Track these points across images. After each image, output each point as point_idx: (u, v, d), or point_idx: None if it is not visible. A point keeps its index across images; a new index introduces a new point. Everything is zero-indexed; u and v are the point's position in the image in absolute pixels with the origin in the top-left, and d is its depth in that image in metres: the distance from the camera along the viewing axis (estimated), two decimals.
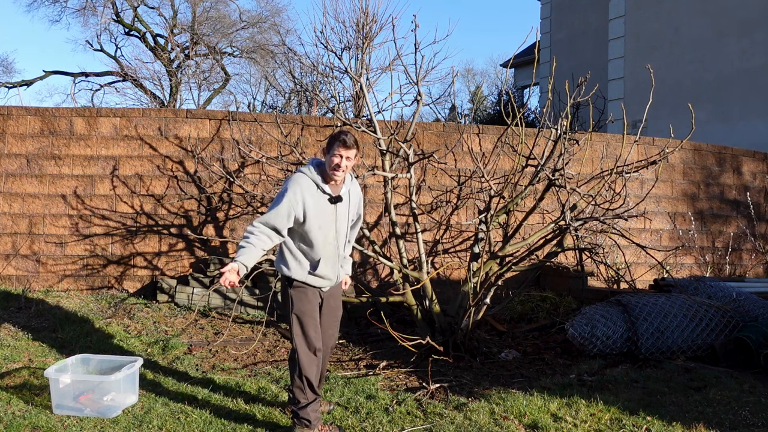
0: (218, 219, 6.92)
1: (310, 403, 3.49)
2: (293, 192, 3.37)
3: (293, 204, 3.36)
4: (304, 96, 17.89)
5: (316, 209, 3.42)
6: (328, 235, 3.48)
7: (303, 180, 3.43)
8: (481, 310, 5.11)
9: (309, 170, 3.46)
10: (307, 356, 3.47)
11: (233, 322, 5.95)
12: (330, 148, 3.42)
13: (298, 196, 3.37)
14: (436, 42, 7.13)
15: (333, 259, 3.53)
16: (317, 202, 3.42)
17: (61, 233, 6.71)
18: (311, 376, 3.47)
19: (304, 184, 3.41)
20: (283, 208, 3.36)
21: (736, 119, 11.92)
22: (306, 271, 3.48)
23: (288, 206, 3.36)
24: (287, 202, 3.36)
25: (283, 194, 3.38)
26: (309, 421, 3.47)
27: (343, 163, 3.40)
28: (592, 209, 5.35)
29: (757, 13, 11.72)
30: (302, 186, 3.40)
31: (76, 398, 3.82)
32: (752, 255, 8.78)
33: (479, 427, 3.65)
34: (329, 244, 3.50)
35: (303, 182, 3.42)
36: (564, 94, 5.29)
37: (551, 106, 5.62)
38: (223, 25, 19.09)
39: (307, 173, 3.45)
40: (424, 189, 7.26)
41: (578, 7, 16.59)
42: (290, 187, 3.39)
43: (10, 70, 22.42)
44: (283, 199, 3.37)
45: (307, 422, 3.47)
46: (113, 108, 8.11)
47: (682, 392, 4.26)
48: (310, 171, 3.46)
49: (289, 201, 3.36)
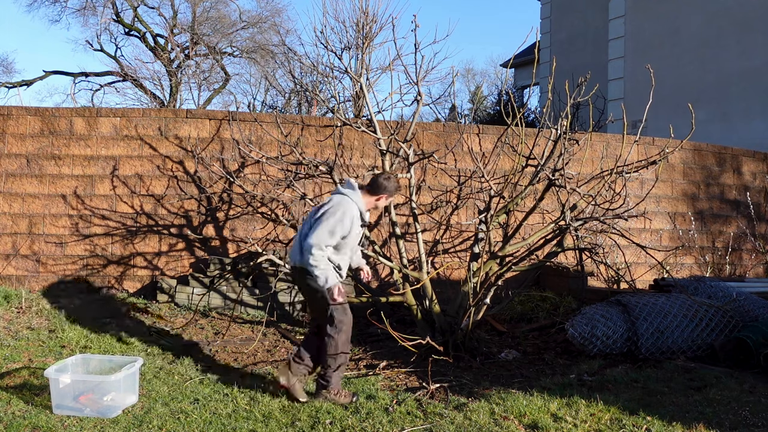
0: (218, 219, 6.92)
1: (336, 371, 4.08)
2: (348, 218, 3.93)
3: (346, 227, 3.93)
4: (304, 96, 17.89)
5: (355, 231, 4.02)
6: (352, 246, 4.12)
7: (354, 210, 3.98)
8: (481, 310, 5.11)
9: (357, 198, 4.02)
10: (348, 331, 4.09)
11: (233, 322, 5.95)
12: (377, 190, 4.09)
13: (347, 224, 3.93)
14: (436, 42, 7.12)
15: (346, 263, 4.14)
16: (356, 225, 4.01)
17: (61, 233, 6.71)
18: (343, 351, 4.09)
19: (354, 214, 3.98)
20: (337, 232, 3.91)
21: (736, 119, 11.92)
22: (336, 275, 4.04)
23: (342, 231, 3.92)
24: (341, 227, 3.90)
25: (340, 220, 3.89)
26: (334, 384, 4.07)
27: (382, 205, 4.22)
28: (592, 209, 5.35)
29: (757, 13, 11.72)
30: (353, 215, 3.97)
31: (76, 398, 3.82)
32: (752, 255, 8.78)
33: (479, 427, 3.65)
34: (348, 253, 4.12)
35: (354, 212, 3.98)
36: (564, 94, 5.30)
37: (551, 106, 5.62)
38: (223, 25, 19.08)
39: (357, 203, 4.01)
40: (424, 189, 7.26)
41: (578, 7, 16.59)
42: (347, 216, 3.92)
43: (10, 70, 22.42)
44: (338, 225, 3.89)
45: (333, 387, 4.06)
46: (113, 108, 8.11)
47: (682, 392, 4.26)
48: (358, 200, 4.02)
49: (342, 226, 3.91)
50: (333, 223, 3.87)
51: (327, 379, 4.05)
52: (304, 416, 3.79)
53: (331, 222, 3.87)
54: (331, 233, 3.86)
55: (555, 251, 5.38)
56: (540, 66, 15.73)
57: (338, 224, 3.88)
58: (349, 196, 3.99)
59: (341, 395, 4.04)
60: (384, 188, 4.08)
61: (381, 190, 4.08)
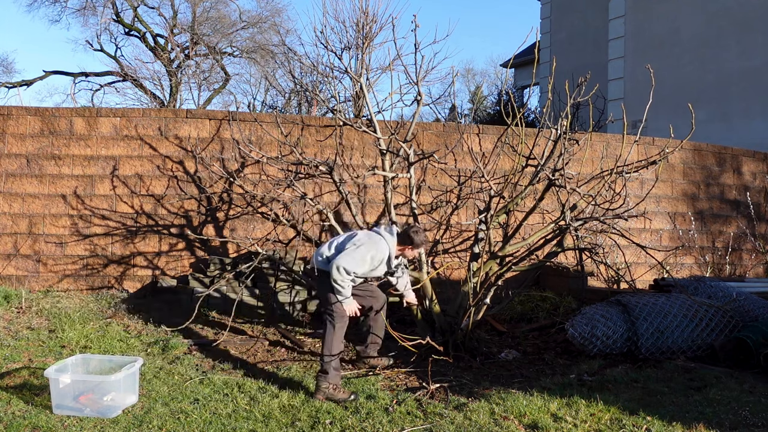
0: (218, 219, 6.92)
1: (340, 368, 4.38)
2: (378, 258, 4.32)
3: (374, 264, 4.33)
4: (304, 96, 17.89)
5: (378, 270, 4.41)
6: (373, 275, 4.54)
7: (385, 251, 4.35)
8: (481, 310, 5.11)
9: (392, 241, 4.37)
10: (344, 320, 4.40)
11: (233, 322, 5.94)
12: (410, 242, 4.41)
13: (376, 261, 4.33)
14: (436, 42, 7.11)
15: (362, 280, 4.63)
16: (382, 266, 4.40)
17: (61, 233, 6.71)
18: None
19: (384, 254, 4.34)
20: (366, 265, 4.29)
21: (736, 119, 11.92)
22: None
23: (370, 265, 4.31)
24: (370, 261, 4.29)
25: (368, 253, 4.26)
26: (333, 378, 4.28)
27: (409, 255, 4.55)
28: (592, 209, 5.35)
29: (757, 13, 11.72)
30: (383, 255, 4.34)
31: (76, 398, 3.82)
32: (752, 255, 8.78)
33: (479, 427, 3.65)
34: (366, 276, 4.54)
35: (384, 252, 4.34)
36: (564, 94, 5.29)
37: (551, 106, 5.62)
38: (223, 25, 19.08)
39: (390, 245, 4.36)
40: (424, 189, 7.26)
41: (578, 7, 16.59)
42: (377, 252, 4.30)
43: (10, 70, 22.42)
44: (368, 260, 4.27)
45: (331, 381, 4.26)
46: (113, 108, 8.11)
47: (682, 392, 4.26)
48: (392, 244, 4.37)
49: (372, 261, 4.30)
50: (364, 257, 4.25)
51: (325, 370, 4.19)
52: (304, 416, 3.79)
53: (364, 256, 4.25)
54: (361, 264, 4.24)
55: (555, 251, 5.37)
56: (540, 66, 15.74)
57: (369, 260, 4.27)
58: (386, 240, 4.36)
59: (339, 390, 4.14)
60: (411, 240, 4.41)
61: (408, 241, 4.42)
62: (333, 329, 4.29)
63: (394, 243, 4.39)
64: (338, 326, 4.30)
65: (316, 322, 6.03)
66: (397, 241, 4.42)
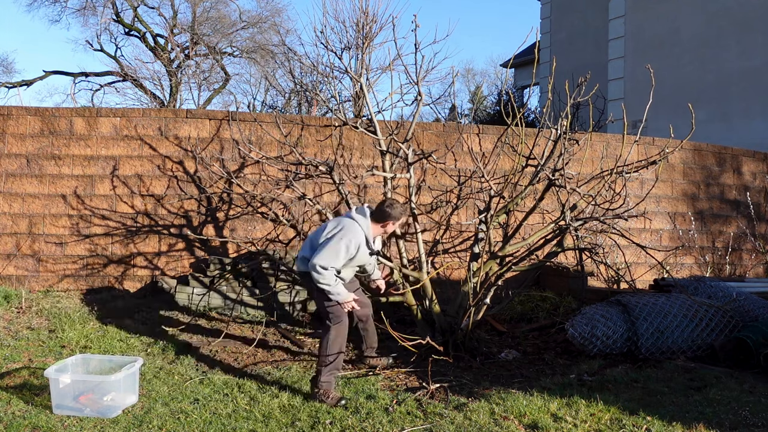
0: (218, 219, 6.92)
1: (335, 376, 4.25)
2: (352, 244, 4.09)
3: (351, 252, 4.10)
4: (304, 96, 17.89)
5: (360, 256, 4.18)
6: (357, 269, 4.43)
7: (360, 236, 4.13)
8: (481, 310, 5.11)
9: (365, 224, 4.16)
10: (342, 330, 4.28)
11: (233, 322, 5.95)
12: (385, 217, 4.20)
13: (353, 249, 4.10)
14: (436, 42, 7.11)
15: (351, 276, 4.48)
16: (362, 251, 4.17)
17: (61, 233, 6.71)
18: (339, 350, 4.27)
19: (360, 240, 4.12)
20: (342, 256, 4.07)
21: (736, 119, 11.92)
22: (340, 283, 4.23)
23: (346, 254, 4.09)
24: (345, 251, 4.07)
25: (345, 246, 4.06)
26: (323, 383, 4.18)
27: (390, 230, 4.31)
28: (592, 209, 5.35)
29: (757, 13, 11.72)
30: (359, 241, 4.12)
31: (76, 398, 3.82)
32: (752, 255, 8.78)
33: (479, 427, 3.65)
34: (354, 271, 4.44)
35: (359, 238, 4.13)
36: (564, 94, 5.29)
37: (551, 106, 5.62)
38: (223, 25, 19.08)
39: (364, 229, 4.15)
40: (423, 189, 7.26)
41: (578, 7, 16.59)
42: (352, 242, 4.08)
43: (10, 70, 22.43)
44: (342, 250, 4.06)
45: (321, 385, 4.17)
46: (113, 108, 8.11)
47: (682, 392, 4.26)
48: (366, 226, 4.16)
49: (347, 251, 4.08)
50: (338, 248, 4.06)
51: (318, 375, 4.14)
52: (304, 416, 3.79)
53: (336, 246, 4.05)
54: (336, 257, 4.05)
55: (555, 251, 5.37)
56: (540, 66, 15.74)
57: (343, 250, 4.06)
58: (359, 222, 4.15)
59: (328, 396, 4.05)
60: (388, 215, 4.20)
61: (386, 217, 4.21)
62: (328, 332, 4.19)
63: (368, 224, 4.19)
64: (334, 328, 4.18)
65: (316, 322, 6.03)
66: (373, 219, 4.23)
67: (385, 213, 4.19)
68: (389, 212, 4.19)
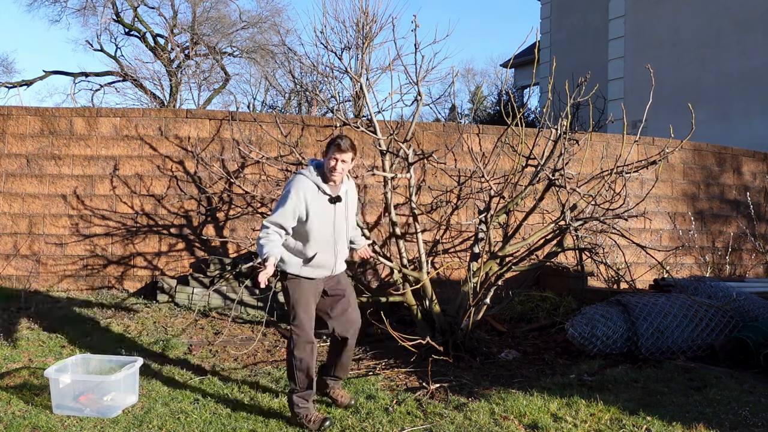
0: (218, 219, 6.92)
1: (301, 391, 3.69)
2: (296, 193, 3.57)
3: (297, 204, 3.56)
4: (304, 96, 17.89)
5: (317, 209, 3.61)
6: (325, 233, 3.68)
7: (305, 182, 3.62)
8: (481, 310, 5.11)
9: (309, 172, 3.66)
10: (300, 345, 3.65)
11: (233, 322, 5.95)
12: (327, 151, 3.65)
13: (301, 197, 3.57)
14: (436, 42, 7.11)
15: (329, 254, 3.73)
16: (318, 202, 3.62)
17: (61, 233, 6.71)
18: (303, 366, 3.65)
19: (306, 186, 3.60)
20: (288, 208, 3.55)
21: (736, 119, 11.92)
22: (300, 265, 3.68)
23: (293, 207, 3.56)
24: (292, 203, 3.55)
25: (287, 195, 3.57)
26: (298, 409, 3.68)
27: (339, 165, 3.61)
28: (592, 209, 5.35)
29: (757, 13, 11.72)
30: (304, 188, 3.60)
31: (76, 398, 3.82)
32: (752, 255, 8.78)
33: (479, 427, 3.65)
34: (326, 241, 3.69)
35: (305, 184, 3.61)
36: (564, 94, 5.30)
37: (551, 106, 5.62)
38: (223, 25, 19.08)
39: (308, 175, 3.64)
40: (424, 189, 7.26)
41: (578, 7, 16.59)
42: (293, 189, 3.58)
43: (10, 70, 22.43)
44: (288, 201, 3.55)
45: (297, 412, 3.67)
46: (113, 108, 8.11)
47: (682, 392, 4.26)
48: (310, 173, 3.65)
49: (293, 202, 3.55)
50: (282, 201, 3.57)
51: (290, 399, 3.70)
52: None
53: (283, 197, 3.58)
54: (283, 210, 3.53)
55: (555, 251, 5.37)
56: (540, 66, 15.73)
57: (287, 198, 3.54)
58: (302, 172, 3.66)
59: (310, 421, 3.61)
60: (331, 142, 3.60)
61: (329, 145, 3.62)
62: (289, 347, 3.67)
63: (311, 169, 3.65)
64: (294, 341, 3.63)
65: (317, 322, 6.03)
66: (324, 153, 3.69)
67: (327, 146, 3.64)
68: (329, 142, 3.63)
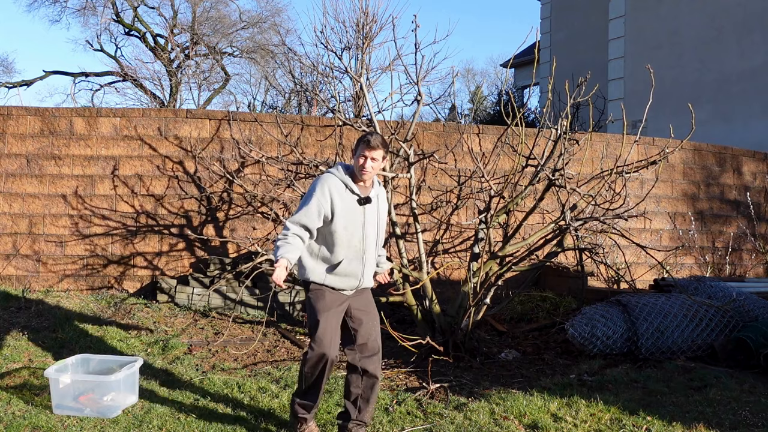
0: (218, 219, 6.92)
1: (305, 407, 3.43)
2: (321, 190, 3.31)
3: (322, 202, 3.29)
4: (304, 96, 17.89)
5: (344, 209, 3.33)
6: (353, 238, 3.37)
7: (331, 179, 3.36)
8: (481, 310, 5.11)
9: (338, 170, 3.40)
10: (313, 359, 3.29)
11: (233, 322, 5.95)
12: (356, 149, 3.39)
13: (327, 195, 3.30)
14: (436, 42, 7.12)
15: (356, 262, 3.39)
16: (345, 202, 3.34)
17: (61, 233, 6.71)
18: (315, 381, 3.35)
19: (332, 183, 3.34)
20: (313, 206, 3.28)
21: (736, 119, 11.92)
22: (324, 273, 3.36)
23: (318, 204, 3.28)
24: (316, 200, 3.29)
25: (312, 193, 3.32)
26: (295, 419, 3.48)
27: (368, 164, 3.32)
28: (592, 209, 5.35)
29: (756, 13, 11.72)
30: (330, 185, 3.33)
31: (76, 398, 3.82)
32: (752, 255, 8.78)
33: (479, 427, 3.65)
34: (353, 247, 3.38)
35: (331, 181, 3.35)
36: (564, 94, 5.30)
37: (551, 106, 5.62)
38: (223, 25, 19.08)
39: (335, 173, 3.39)
40: (424, 189, 7.26)
41: (578, 7, 16.59)
42: (318, 186, 3.33)
43: (10, 70, 22.44)
44: (312, 198, 3.29)
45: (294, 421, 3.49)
46: (113, 108, 8.11)
47: (682, 392, 4.26)
48: (338, 171, 3.40)
49: (317, 199, 3.29)
50: (307, 198, 3.32)
51: (292, 408, 3.50)
52: None
53: (307, 198, 3.33)
54: (307, 208, 3.28)
55: (555, 251, 5.37)
56: (540, 66, 15.73)
57: (312, 196, 3.30)
58: (329, 170, 3.44)
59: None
60: (360, 139, 3.37)
61: (358, 143, 3.38)
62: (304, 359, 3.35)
63: (339, 168, 3.41)
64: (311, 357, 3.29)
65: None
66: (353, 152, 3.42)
67: (357, 140, 3.40)
68: (360, 138, 3.38)
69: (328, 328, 3.31)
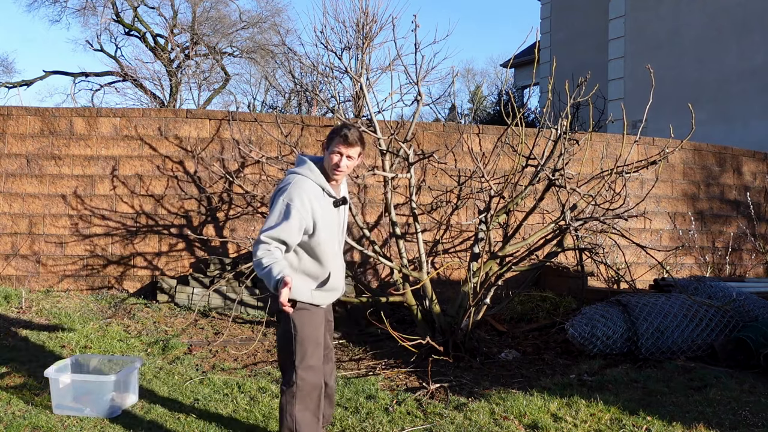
0: (218, 219, 6.92)
1: None
2: (301, 201, 2.79)
3: (303, 216, 2.79)
4: (304, 96, 17.89)
5: (324, 217, 2.88)
6: (333, 245, 2.97)
7: (307, 184, 2.86)
8: (481, 310, 5.11)
9: (310, 170, 2.91)
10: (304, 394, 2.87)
11: (233, 322, 5.95)
12: (330, 143, 2.91)
13: (307, 206, 2.81)
14: (436, 42, 7.11)
15: (340, 272, 3.05)
16: (324, 209, 2.90)
17: (61, 233, 6.71)
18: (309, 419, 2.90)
19: (309, 190, 2.85)
20: (293, 221, 2.76)
21: (736, 119, 11.92)
22: (311, 290, 2.92)
23: (299, 219, 2.77)
24: (297, 214, 2.77)
25: (290, 206, 2.78)
26: None
27: (343, 162, 2.89)
28: (592, 209, 5.35)
29: (756, 13, 11.72)
30: (308, 192, 2.84)
31: (76, 398, 3.82)
32: (752, 255, 8.78)
33: (479, 427, 3.65)
34: (334, 256, 2.99)
35: (307, 186, 2.85)
36: (564, 94, 5.30)
37: (551, 106, 5.62)
38: (223, 25, 19.09)
39: (309, 175, 2.89)
40: (424, 189, 7.26)
41: (578, 7, 16.59)
42: (296, 196, 2.79)
43: (10, 70, 22.48)
44: (291, 212, 2.76)
45: None
46: (113, 108, 8.11)
47: (682, 392, 4.26)
48: (311, 172, 2.90)
49: (298, 213, 2.77)
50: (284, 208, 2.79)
51: None
52: None
53: (280, 207, 2.80)
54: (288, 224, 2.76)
55: (555, 251, 5.37)
56: (540, 66, 15.73)
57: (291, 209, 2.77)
58: (298, 171, 2.91)
59: None
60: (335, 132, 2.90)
61: (333, 136, 2.91)
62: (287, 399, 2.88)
63: (313, 168, 2.92)
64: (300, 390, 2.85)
65: None
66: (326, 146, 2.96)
67: (331, 133, 2.93)
68: (335, 128, 2.93)
69: (318, 353, 2.92)
